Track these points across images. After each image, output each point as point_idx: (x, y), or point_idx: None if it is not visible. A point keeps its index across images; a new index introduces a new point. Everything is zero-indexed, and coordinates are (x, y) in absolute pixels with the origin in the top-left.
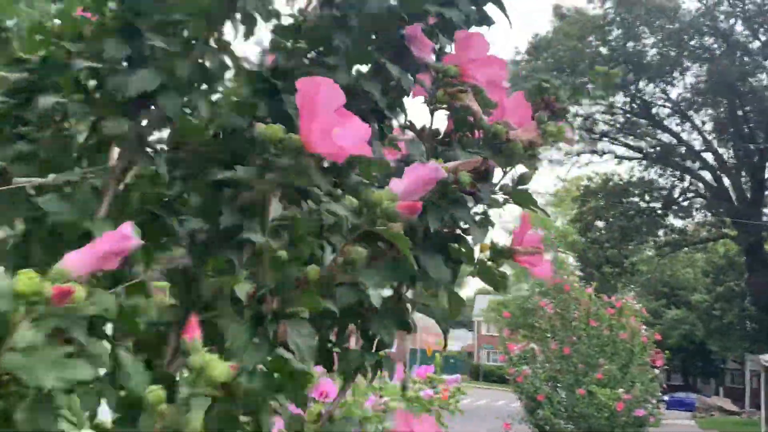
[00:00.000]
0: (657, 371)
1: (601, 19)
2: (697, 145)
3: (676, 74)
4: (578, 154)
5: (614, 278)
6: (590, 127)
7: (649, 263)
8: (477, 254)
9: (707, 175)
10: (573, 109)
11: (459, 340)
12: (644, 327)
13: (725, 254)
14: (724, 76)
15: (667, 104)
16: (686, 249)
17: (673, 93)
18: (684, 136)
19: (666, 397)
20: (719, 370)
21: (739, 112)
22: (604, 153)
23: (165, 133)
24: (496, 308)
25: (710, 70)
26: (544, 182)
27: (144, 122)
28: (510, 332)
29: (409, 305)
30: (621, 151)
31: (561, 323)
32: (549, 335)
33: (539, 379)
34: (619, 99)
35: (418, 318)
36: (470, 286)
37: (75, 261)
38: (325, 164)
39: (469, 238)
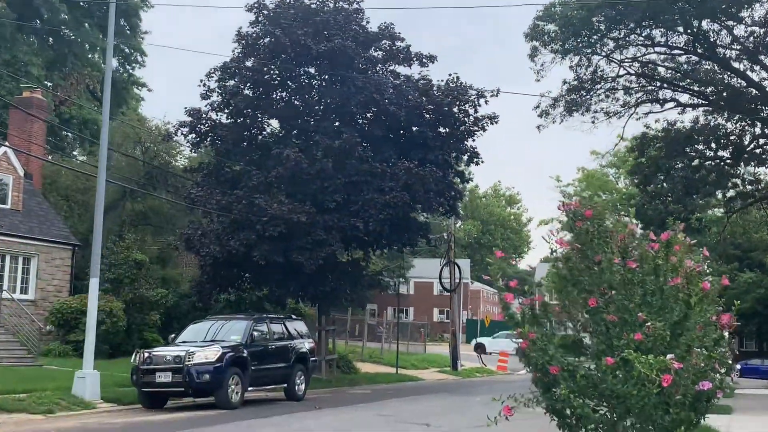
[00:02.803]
0: (726, 333)
1: None
2: None
3: (744, 13)
4: (637, 104)
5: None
6: (650, 74)
7: (718, 224)
8: None
9: None
10: (630, 51)
11: None
12: (705, 270)
13: None
14: None
15: (734, 46)
16: (759, 205)
17: (740, 31)
18: (754, 78)
19: (738, 365)
20: None
21: None
22: (666, 101)
23: None
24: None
25: None
26: (604, 140)
27: None
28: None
29: None
30: (684, 98)
31: (585, 265)
32: (569, 284)
33: (553, 345)
34: (680, 39)
35: (479, 288)
36: (533, 255)
37: None
38: None
39: None
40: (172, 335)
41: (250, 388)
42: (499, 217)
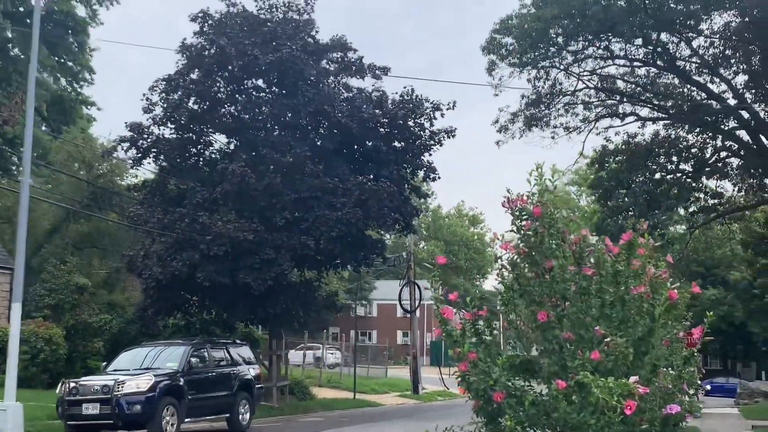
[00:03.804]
0: (695, 350)
1: None
2: (730, 101)
3: (703, 25)
4: (597, 119)
5: None
6: (610, 88)
7: (680, 241)
8: None
9: (744, 134)
10: (589, 65)
11: None
12: (669, 278)
13: (766, 222)
14: (757, 20)
15: (693, 59)
16: (721, 220)
17: (699, 44)
18: (715, 89)
19: (708, 386)
20: (761, 352)
21: None
22: (626, 115)
23: None
24: None
25: (742, 10)
26: (565, 156)
27: None
28: (449, 292)
29: None
30: (644, 112)
31: (534, 273)
32: (516, 295)
33: (498, 366)
34: (640, 52)
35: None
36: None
37: None
38: None
39: None
40: (104, 363)
41: (187, 419)
42: (463, 237)
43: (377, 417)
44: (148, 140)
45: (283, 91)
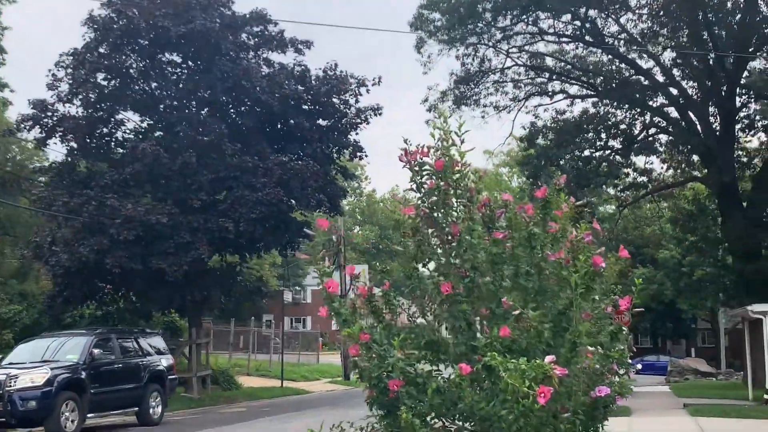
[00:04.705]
0: (623, 326)
1: None
2: (659, 77)
3: (632, 1)
4: (527, 97)
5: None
6: (539, 66)
7: (610, 221)
8: None
9: (673, 111)
10: (518, 42)
11: None
12: (592, 240)
13: (694, 199)
14: None
15: (621, 35)
16: (651, 198)
17: (628, 19)
18: (643, 65)
19: (640, 365)
20: (690, 329)
21: (705, 35)
22: (555, 93)
23: None
24: None
25: None
26: (496, 136)
27: None
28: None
29: None
30: (573, 90)
31: (438, 238)
32: (420, 263)
33: (395, 348)
34: (568, 28)
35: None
36: None
37: None
38: None
39: None
40: (0, 356)
41: (91, 414)
42: (397, 221)
43: (304, 405)
44: (53, 118)
45: (200, 66)
